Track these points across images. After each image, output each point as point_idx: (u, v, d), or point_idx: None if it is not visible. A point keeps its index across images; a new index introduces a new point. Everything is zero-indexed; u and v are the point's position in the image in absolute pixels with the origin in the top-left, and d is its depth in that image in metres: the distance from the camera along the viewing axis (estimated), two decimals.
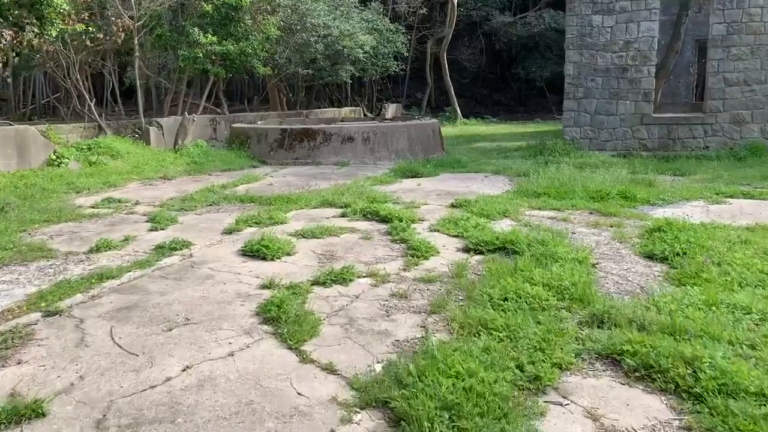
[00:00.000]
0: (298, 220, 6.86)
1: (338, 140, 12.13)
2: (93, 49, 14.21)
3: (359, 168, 11.55)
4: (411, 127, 12.63)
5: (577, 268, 4.60)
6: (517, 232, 5.57)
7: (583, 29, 12.50)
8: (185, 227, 6.61)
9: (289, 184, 9.75)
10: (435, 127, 13.45)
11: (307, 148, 12.15)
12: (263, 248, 5.27)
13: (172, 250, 5.57)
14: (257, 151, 12.50)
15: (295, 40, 18.69)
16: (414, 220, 6.60)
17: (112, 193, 8.95)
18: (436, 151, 13.11)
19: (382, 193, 8.36)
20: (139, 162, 11.48)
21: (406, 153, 12.40)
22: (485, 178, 10.12)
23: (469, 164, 11.92)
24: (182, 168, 11.38)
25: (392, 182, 9.69)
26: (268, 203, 7.90)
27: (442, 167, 11.45)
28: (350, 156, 12.10)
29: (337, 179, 10.16)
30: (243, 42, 14.79)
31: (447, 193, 8.57)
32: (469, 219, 6.34)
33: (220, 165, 11.69)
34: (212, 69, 14.64)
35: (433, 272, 4.81)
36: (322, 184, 9.55)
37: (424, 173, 10.40)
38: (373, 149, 12.19)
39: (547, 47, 30.75)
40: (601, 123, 12.79)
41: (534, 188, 8.27)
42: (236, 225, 6.48)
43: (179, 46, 14.38)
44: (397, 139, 12.37)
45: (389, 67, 24.10)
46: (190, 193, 8.76)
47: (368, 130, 12.26)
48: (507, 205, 7.27)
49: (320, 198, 7.96)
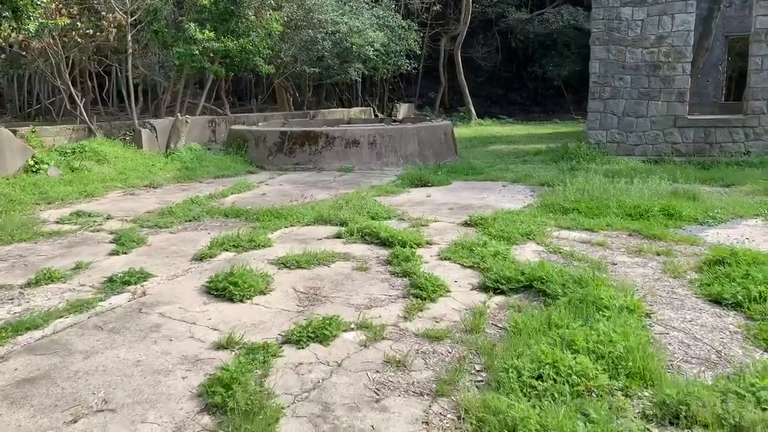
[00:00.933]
0: (285, 241, 5.80)
1: (342, 144, 11.08)
2: (83, 46, 13.29)
3: (364, 175, 10.49)
4: (421, 129, 11.55)
5: (628, 321, 3.50)
6: (547, 266, 4.46)
7: (611, 23, 11.31)
8: (152, 251, 5.58)
9: (284, 193, 8.71)
10: (447, 130, 12.35)
11: (308, 153, 11.10)
12: (231, 285, 4.22)
13: (125, 284, 4.54)
14: (255, 156, 11.48)
15: (301, 37, 17.65)
16: (420, 243, 5.51)
17: (85, 205, 7.96)
18: (449, 156, 12.01)
19: (386, 207, 7.29)
20: (126, 168, 10.51)
21: (415, 158, 11.31)
22: (503, 187, 9.00)
23: (485, 171, 10.81)
24: (171, 174, 10.38)
25: (399, 192, 8.61)
26: (256, 219, 6.86)
27: (455, 174, 10.35)
28: (355, 161, 11.04)
29: (338, 188, 9.11)
30: (244, 39, 13.77)
31: (460, 206, 7.47)
32: (487, 244, 5.24)
33: (213, 171, 10.68)
34: (210, 67, 13.63)
35: (441, 322, 3.74)
36: (320, 195, 8.50)
37: (435, 182, 9.31)
38: (380, 154, 11.12)
39: (565, 45, 29.45)
40: (630, 125, 11.60)
41: (561, 202, 7.14)
42: (210, 249, 5.44)
43: (176, 42, 13.40)
44: (407, 143, 11.29)
45: (401, 65, 22.98)
46: (171, 205, 7.75)
47: (375, 133, 11.19)
48: (531, 224, 6.16)
49: (315, 213, 6.91)
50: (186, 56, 12.97)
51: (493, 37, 31.01)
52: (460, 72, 25.42)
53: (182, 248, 5.67)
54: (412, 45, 23.10)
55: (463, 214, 6.90)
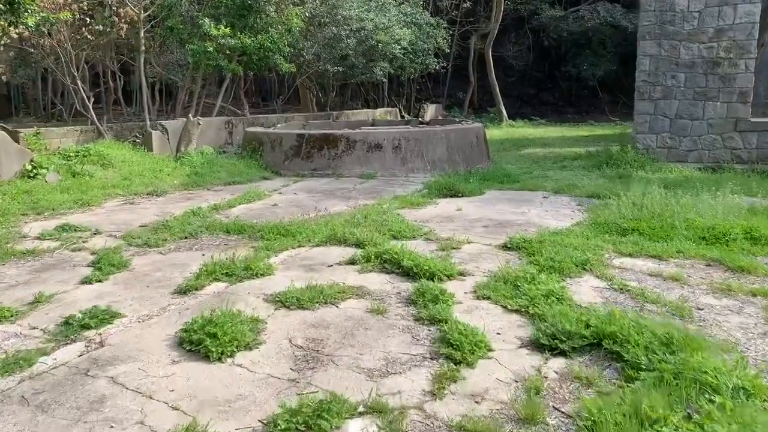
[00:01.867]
0: (288, 268, 4.83)
1: (364, 148, 10.09)
2: (95, 43, 12.57)
3: (387, 182, 9.49)
4: (450, 132, 10.49)
5: (752, 416, 2.42)
6: (619, 316, 3.39)
7: (664, 15, 10.09)
8: (131, 279, 4.67)
9: (297, 204, 7.76)
10: (479, 133, 11.27)
11: (327, 157, 10.15)
12: (208, 338, 3.25)
13: (83, 328, 3.62)
14: (270, 160, 10.57)
15: (324, 35, 16.73)
16: (451, 275, 4.48)
17: (77, 216, 7.12)
18: (481, 161, 10.93)
19: (411, 223, 6.27)
20: (131, 173, 9.69)
21: (444, 163, 10.26)
22: (544, 199, 7.90)
23: (522, 178, 9.72)
24: (179, 181, 9.52)
25: (425, 204, 7.59)
26: (260, 236, 5.91)
27: (488, 182, 9.29)
28: (377, 167, 10.05)
29: (357, 198, 8.12)
30: (262, 35, 12.90)
31: (497, 223, 6.41)
32: (535, 278, 4.19)
33: (224, 177, 9.79)
34: (227, 65, 12.79)
35: (482, 403, 2.71)
36: (336, 206, 7.53)
37: (466, 191, 8.26)
38: (405, 159, 10.10)
39: (601, 43, 28.02)
40: (683, 129, 10.36)
41: (616, 220, 6.03)
42: (197, 279, 4.49)
43: (191, 39, 12.59)
44: (434, 147, 10.25)
45: (429, 64, 21.93)
46: (170, 217, 6.86)
47: (399, 136, 10.18)
48: (584, 248, 5.08)
49: (328, 230, 5.92)
50: (200, 53, 12.15)
51: (524, 35, 29.74)
52: (491, 71, 24.24)
53: (167, 275, 4.74)
54: (441, 43, 22.04)
55: (501, 234, 5.85)
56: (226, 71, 12.95)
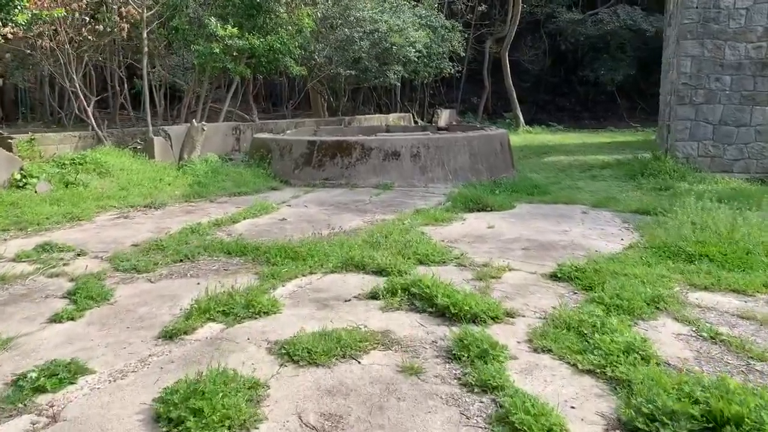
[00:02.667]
0: (298, 304, 4.01)
1: (380, 156, 9.28)
2: (96, 44, 11.87)
3: (406, 194, 8.67)
4: (473, 139, 9.66)
5: None
6: (737, 390, 2.54)
7: (707, 12, 9.22)
8: (111, 315, 3.87)
9: (308, 219, 6.95)
10: (503, 140, 10.42)
11: (340, 166, 9.34)
12: (191, 416, 2.44)
13: (36, 392, 2.83)
14: (279, 169, 9.78)
15: (337, 37, 15.96)
16: (497, 316, 3.65)
17: (63, 232, 6.35)
18: (505, 170, 10.08)
19: (438, 245, 5.45)
20: (129, 182, 8.93)
21: (467, 173, 9.43)
22: (584, 215, 7.03)
23: (552, 189, 8.87)
24: (180, 191, 8.75)
25: (451, 220, 6.75)
26: (265, 259, 5.09)
27: (516, 194, 8.45)
28: (395, 176, 9.23)
29: (374, 212, 7.30)
30: (272, 36, 12.14)
31: (538, 244, 5.57)
32: (605, 323, 3.34)
33: (229, 187, 9.01)
34: (234, 68, 12.04)
35: None
36: (352, 222, 6.71)
37: (495, 205, 7.42)
38: (425, 168, 9.28)
39: (619, 48, 27.10)
40: (728, 136, 9.47)
41: (676, 242, 5.16)
42: (187, 319, 3.68)
43: (196, 40, 11.86)
44: (456, 155, 9.42)
45: (443, 68, 21.12)
46: (166, 234, 6.09)
47: (418, 143, 9.36)
48: (651, 280, 4.23)
49: (343, 252, 5.11)
50: (206, 55, 11.40)
51: (540, 39, 28.87)
52: (508, 75, 23.39)
53: (154, 311, 3.94)
54: (456, 47, 21.23)
55: (546, 259, 5.00)
56: (233, 74, 12.20)
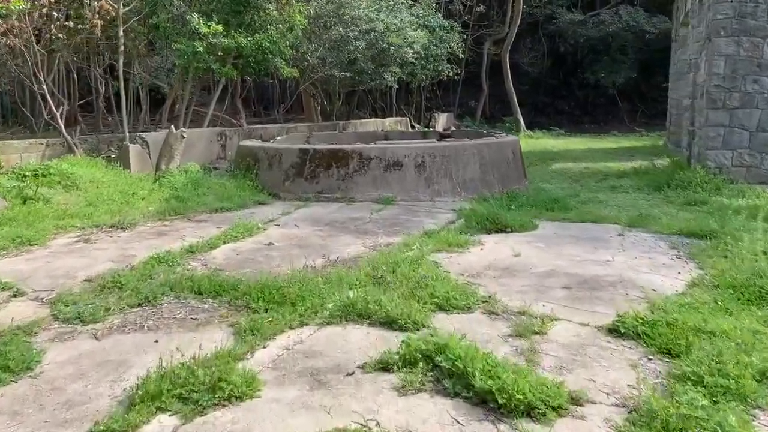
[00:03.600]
0: (282, 381, 2.96)
1: (380, 166, 8.24)
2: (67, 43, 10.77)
3: (410, 209, 7.63)
4: (483, 148, 8.63)
5: None
6: None
7: (743, 6, 8.25)
8: (29, 397, 2.81)
9: (299, 242, 5.90)
10: (515, 148, 9.41)
11: (335, 177, 8.30)
12: None
13: None
14: (268, 181, 8.72)
15: (330, 36, 14.92)
16: (560, 405, 2.61)
17: (6, 262, 5.27)
18: (518, 181, 9.07)
19: (457, 281, 4.42)
20: (98, 197, 7.84)
21: (476, 185, 8.41)
22: (621, 237, 6.01)
23: (573, 204, 7.87)
24: (155, 207, 7.67)
25: (468, 245, 5.71)
26: (244, 304, 4.04)
27: (534, 209, 7.43)
28: (397, 189, 8.20)
29: (376, 233, 6.26)
30: (260, 34, 11.09)
31: (579, 280, 4.53)
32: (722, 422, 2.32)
33: (210, 202, 7.93)
34: (219, 69, 10.97)
35: None
36: (350, 247, 5.67)
37: (515, 224, 6.39)
38: (431, 179, 8.25)
39: (620, 50, 26.20)
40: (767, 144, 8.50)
41: (754, 279, 4.15)
42: (130, 410, 2.63)
43: (179, 38, 10.79)
44: (465, 165, 8.39)
45: (442, 70, 20.10)
46: (129, 265, 5.03)
47: (423, 152, 8.33)
48: (744, 337, 3.21)
49: (342, 294, 4.06)
50: (188, 55, 10.33)
51: (539, 41, 27.94)
52: (508, 78, 22.42)
53: (89, 390, 2.88)
54: (455, 48, 20.22)
55: (595, 302, 3.98)
56: (218, 75, 11.13)
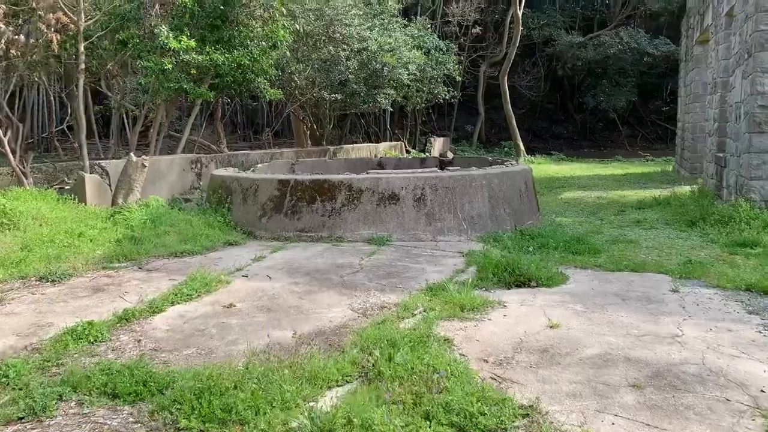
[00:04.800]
0: None
1: (373, 200, 6.96)
2: (24, 60, 9.52)
3: (409, 252, 6.32)
4: (493, 178, 7.38)
5: None
6: None
7: None
8: None
9: (267, 304, 4.57)
10: (528, 178, 8.17)
11: (320, 213, 7.00)
12: None
13: None
14: (242, 217, 7.42)
15: (320, 56, 13.78)
16: None
17: None
18: (531, 216, 7.82)
19: (480, 374, 3.11)
20: (38, 238, 6.49)
21: (485, 221, 7.13)
22: (677, 295, 4.70)
23: (599, 243, 6.59)
24: (103, 250, 6.33)
25: (485, 307, 4.40)
26: (171, 420, 2.71)
27: (557, 252, 6.16)
28: (393, 226, 6.91)
29: (367, 288, 4.95)
30: (239, 51, 9.88)
31: (650, 372, 3.21)
32: None
33: (171, 243, 6.60)
34: (193, 89, 9.73)
35: None
36: (334, 310, 4.35)
37: (540, 275, 5.09)
38: (432, 215, 6.97)
39: (620, 72, 25.32)
40: None
41: None
42: None
43: (147, 56, 9.56)
44: (472, 199, 7.13)
45: (438, 93, 19.02)
46: (42, 337, 3.71)
47: (423, 183, 7.06)
48: None
49: (314, 408, 2.74)
50: (156, 73, 9.09)
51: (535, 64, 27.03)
52: (507, 101, 21.34)
53: None
54: (452, 70, 19.17)
55: (685, 416, 2.67)
56: (191, 97, 9.87)
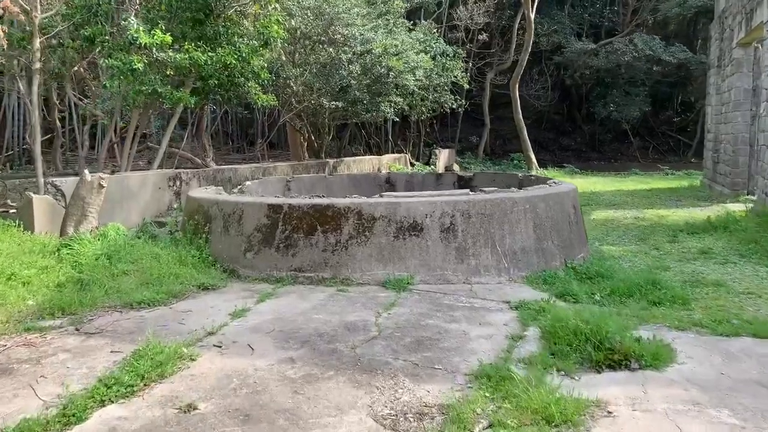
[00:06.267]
0: None
1: (389, 231, 5.39)
2: None
3: (439, 303, 4.73)
4: (539, 201, 5.81)
5: None
6: None
7: None
8: None
9: (243, 407, 2.97)
10: (576, 200, 6.61)
11: (322, 247, 5.42)
12: None
13: None
14: (222, 250, 5.83)
15: (319, 59, 12.26)
16: None
17: None
18: (581, 248, 6.26)
19: None
20: None
21: (530, 256, 5.56)
22: None
23: (678, 289, 5.03)
24: (37, 299, 4.72)
25: (577, 412, 2.81)
26: None
27: (632, 302, 4.61)
28: (415, 264, 5.33)
29: (391, 371, 3.36)
30: (224, 48, 8.33)
31: None
32: None
33: (128, 288, 4.99)
34: (169, 93, 8.15)
35: None
36: (345, 418, 2.75)
37: (640, 349, 3.51)
38: (464, 250, 5.39)
39: (631, 82, 23.92)
40: None
41: None
42: None
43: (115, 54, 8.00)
44: (513, 228, 5.56)
45: (445, 102, 17.51)
46: None
47: (452, 209, 5.49)
48: None
49: None
50: (124, 73, 7.52)
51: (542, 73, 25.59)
52: (518, 111, 19.84)
53: None
54: (460, 78, 17.67)
55: None
56: (166, 102, 8.28)
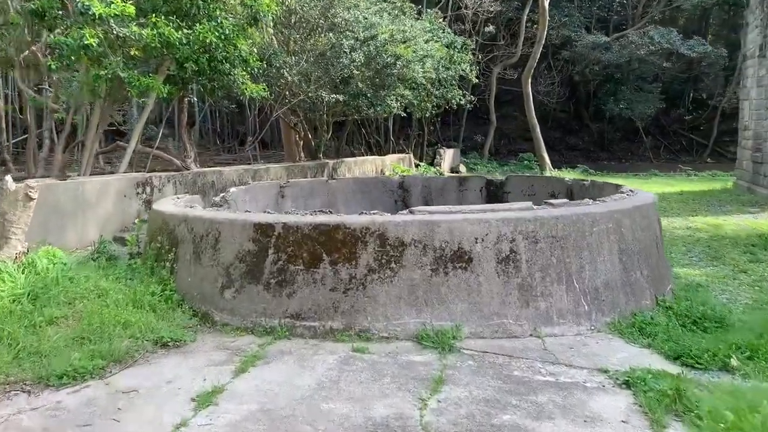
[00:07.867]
0: None
1: (425, 261, 3.79)
2: None
3: (508, 378, 3.14)
4: (623, 218, 4.25)
5: None
6: None
7: None
8: None
9: None
10: (657, 214, 5.05)
11: (329, 284, 3.82)
12: None
13: None
14: (192, 284, 4.21)
15: (317, 45, 10.65)
16: None
17: None
18: (668, 277, 4.68)
19: None
20: None
21: (616, 293, 3.99)
22: None
23: None
24: None
25: None
26: None
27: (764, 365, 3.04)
28: (463, 308, 3.74)
29: None
30: (203, 25, 6.71)
31: None
32: None
33: (53, 348, 3.39)
34: (135, 79, 6.51)
35: None
36: None
37: None
38: (530, 288, 3.81)
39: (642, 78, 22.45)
40: None
41: None
42: None
43: (67, 28, 6.36)
44: (594, 255, 3.98)
45: (453, 97, 15.91)
46: None
47: (512, 231, 3.91)
48: None
49: None
50: (73, 49, 5.88)
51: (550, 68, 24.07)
52: (530, 107, 18.28)
53: None
54: (468, 72, 16.07)
55: None
56: (132, 90, 6.62)
